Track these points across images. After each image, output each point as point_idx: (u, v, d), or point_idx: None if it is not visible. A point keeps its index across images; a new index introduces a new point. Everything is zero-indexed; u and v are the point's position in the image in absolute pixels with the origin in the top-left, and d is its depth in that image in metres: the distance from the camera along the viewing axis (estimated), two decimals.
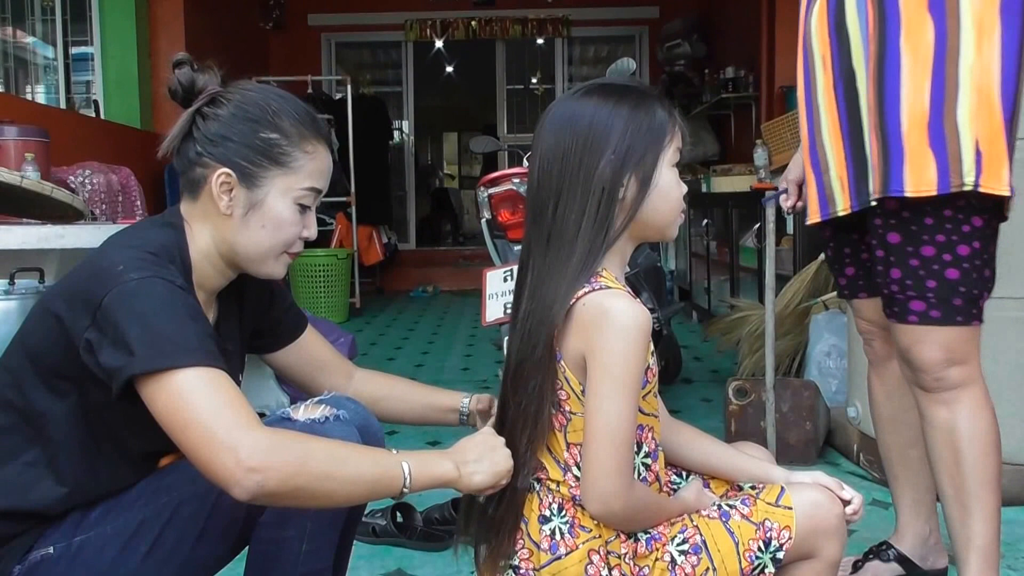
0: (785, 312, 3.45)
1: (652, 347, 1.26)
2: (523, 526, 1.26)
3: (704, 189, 5.53)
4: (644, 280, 3.22)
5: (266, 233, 1.29)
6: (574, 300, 1.19)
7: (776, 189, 2.31)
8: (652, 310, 3.12)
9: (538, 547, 1.24)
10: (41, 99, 6.54)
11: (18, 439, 1.22)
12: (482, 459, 1.22)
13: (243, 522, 1.26)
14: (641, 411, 1.25)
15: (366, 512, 2.32)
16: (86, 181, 4.23)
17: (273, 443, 1.06)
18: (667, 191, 1.24)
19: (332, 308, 6.28)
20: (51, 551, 1.22)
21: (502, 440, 1.25)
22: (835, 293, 3.28)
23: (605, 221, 1.21)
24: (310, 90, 6.82)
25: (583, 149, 1.21)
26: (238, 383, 1.43)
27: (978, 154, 1.48)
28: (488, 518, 1.30)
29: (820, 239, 3.49)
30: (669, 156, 1.24)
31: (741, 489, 1.40)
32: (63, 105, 6.14)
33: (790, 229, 3.82)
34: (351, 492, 1.13)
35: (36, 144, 3.50)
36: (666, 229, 1.29)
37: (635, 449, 1.26)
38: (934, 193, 1.50)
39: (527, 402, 1.23)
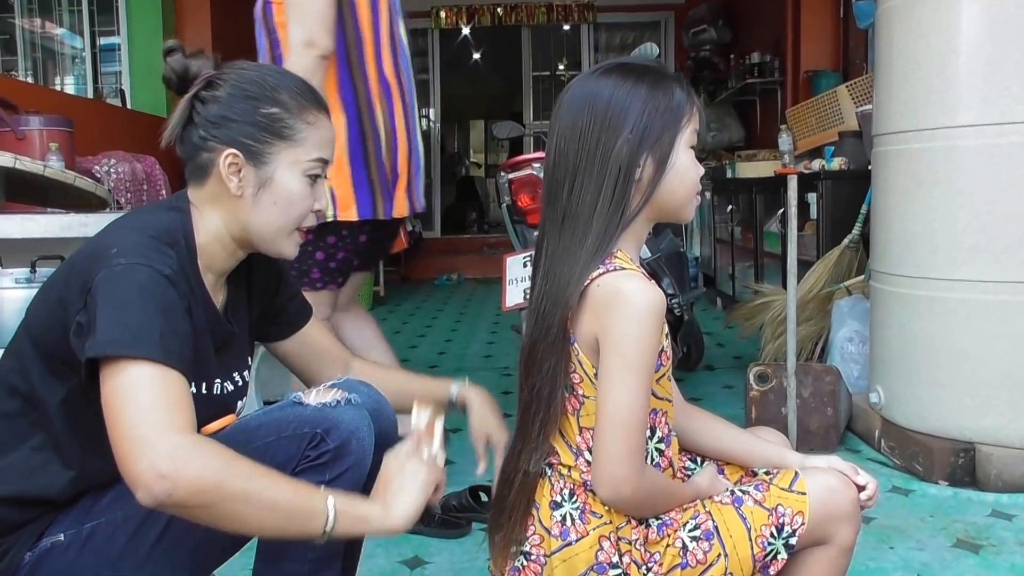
0: (808, 297, 3.42)
1: (667, 330, 1.25)
2: (534, 511, 1.26)
3: (729, 175, 5.49)
4: (666, 265, 3.20)
5: (278, 210, 1.29)
6: (588, 281, 1.18)
7: (800, 174, 2.29)
8: (673, 296, 3.11)
9: (549, 533, 1.23)
10: (70, 89, 6.61)
11: (24, 424, 1.23)
12: (397, 490, 1.17)
13: None
14: (655, 395, 1.24)
15: None
16: (111, 170, 4.27)
17: (194, 453, 1.02)
18: (684, 172, 1.24)
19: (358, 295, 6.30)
20: (61, 538, 1.23)
21: (405, 453, 1.21)
22: (859, 278, 3.25)
23: (621, 202, 1.20)
24: None
25: (600, 129, 1.20)
26: (246, 366, 1.44)
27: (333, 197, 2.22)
28: (500, 503, 1.29)
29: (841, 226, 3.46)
30: (686, 137, 1.24)
31: (755, 475, 1.39)
32: (90, 95, 6.20)
33: (814, 215, 3.78)
34: (264, 520, 1.06)
35: (60, 134, 3.53)
36: (682, 210, 1.28)
37: (648, 434, 1.25)
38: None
39: (540, 384, 1.22)
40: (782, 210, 3.98)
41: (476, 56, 11.03)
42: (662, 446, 1.28)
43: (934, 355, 2.52)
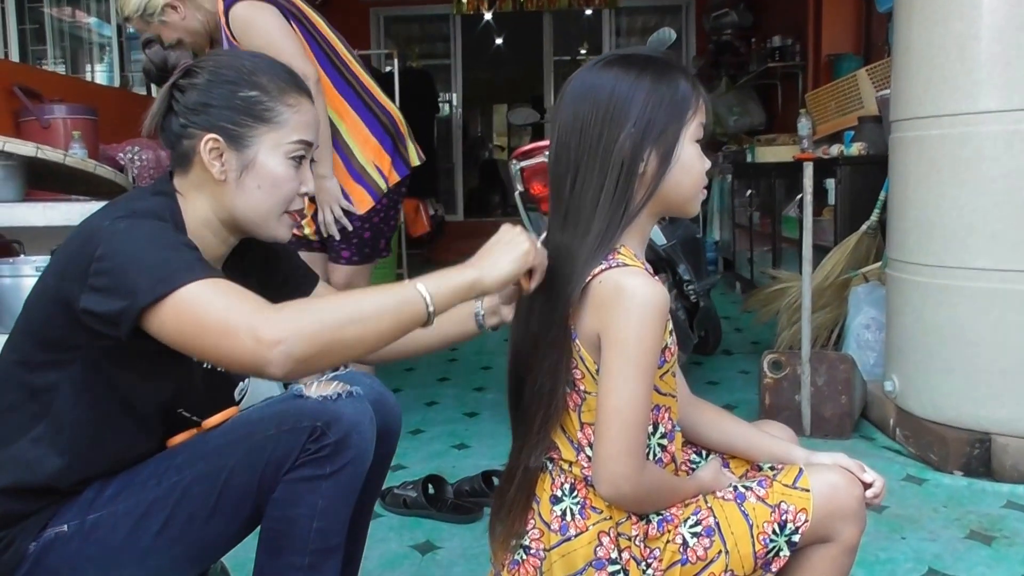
0: (824, 284, 3.40)
1: (671, 326, 1.25)
2: (535, 506, 1.26)
3: (748, 159, 5.45)
4: (682, 251, 3.20)
5: (263, 193, 1.29)
6: (590, 278, 1.17)
7: (818, 159, 2.28)
8: (689, 282, 3.11)
9: (548, 527, 1.23)
10: (100, 77, 6.66)
11: (25, 416, 1.24)
12: (497, 252, 1.19)
13: (254, 500, 1.27)
14: (658, 391, 1.24)
15: (398, 484, 2.37)
16: (135, 157, 4.30)
17: (286, 315, 1.07)
18: (689, 166, 1.22)
19: (379, 280, 6.30)
20: (65, 528, 1.24)
21: (517, 229, 1.22)
22: (876, 265, 3.23)
23: (624, 196, 1.19)
24: None
25: (603, 121, 1.18)
26: None
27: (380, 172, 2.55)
28: (501, 497, 1.30)
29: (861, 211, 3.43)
30: (692, 130, 1.22)
31: (761, 470, 1.38)
32: (117, 82, 6.25)
33: (832, 200, 3.75)
34: (379, 329, 1.11)
35: (84, 122, 3.57)
36: (687, 205, 1.26)
37: (651, 430, 1.25)
38: None
39: (542, 380, 1.22)
40: (800, 195, 3.95)
41: (499, 41, 10.99)
42: (665, 442, 1.28)
43: (950, 344, 2.50)
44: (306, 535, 1.28)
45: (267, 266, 1.50)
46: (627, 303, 1.14)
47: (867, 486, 1.27)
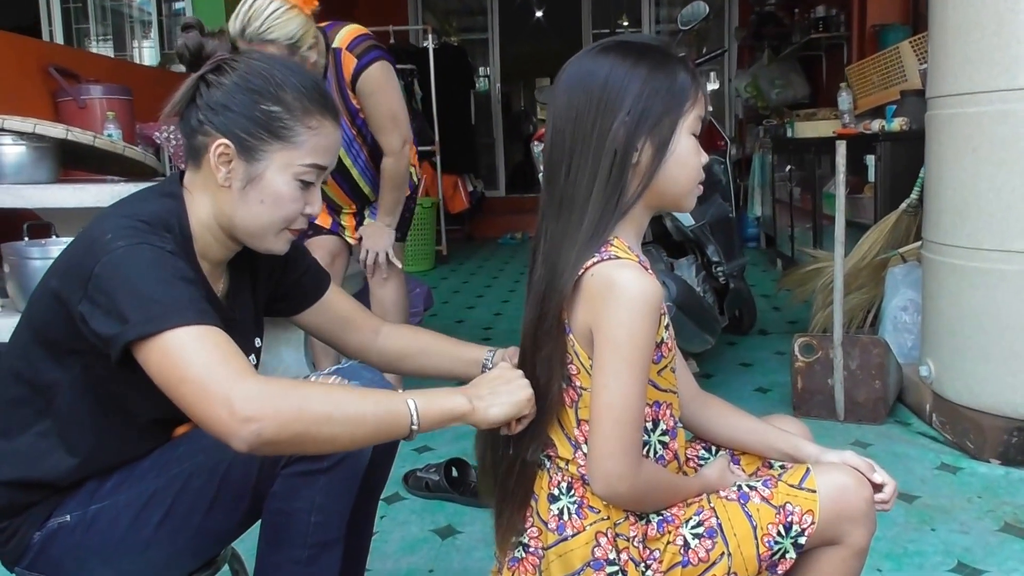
0: (861, 264, 3.31)
1: (666, 320, 1.22)
2: (533, 503, 1.24)
3: (788, 134, 5.34)
4: (712, 232, 3.14)
5: (264, 208, 1.26)
6: (583, 271, 1.14)
7: (859, 134, 2.22)
8: (718, 263, 3.06)
9: (546, 526, 1.22)
10: (146, 54, 6.71)
11: (30, 411, 1.25)
12: (497, 391, 1.18)
13: (253, 493, 1.27)
14: (657, 387, 1.21)
15: (421, 467, 2.37)
16: (170, 136, 4.33)
17: (267, 391, 1.04)
18: (684, 159, 1.18)
19: (418, 256, 6.35)
20: (68, 519, 1.26)
21: (519, 372, 1.21)
22: (915, 245, 3.14)
23: (617, 186, 1.16)
24: (392, 40, 6.81)
25: (597, 110, 1.15)
26: (255, 351, 1.45)
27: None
28: (503, 491, 1.28)
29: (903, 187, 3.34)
30: (689, 122, 1.18)
31: (772, 467, 1.35)
32: (158, 61, 6.29)
33: (872, 177, 3.65)
34: (355, 434, 1.09)
35: (120, 102, 3.60)
36: (682, 199, 1.23)
37: (651, 427, 1.23)
38: None
39: (539, 372, 1.20)
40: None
41: (538, 14, 10.89)
42: (666, 439, 1.25)
43: (987, 328, 2.42)
44: (304, 529, 1.29)
45: (276, 269, 1.48)
46: (619, 297, 1.11)
47: (878, 488, 1.23)
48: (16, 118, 2.66)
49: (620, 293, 1.11)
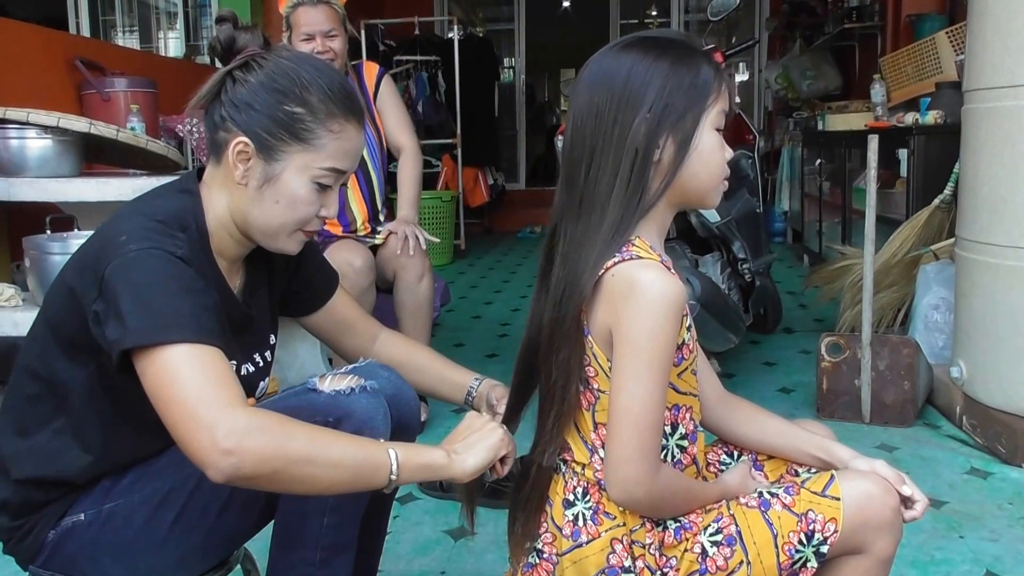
0: (892, 261, 3.25)
1: (688, 321, 1.18)
2: (548, 509, 1.22)
3: (819, 127, 5.25)
4: (739, 228, 3.09)
5: (279, 209, 1.25)
6: (603, 271, 1.12)
7: (892, 128, 2.16)
8: (743, 260, 3.00)
9: (561, 532, 1.19)
10: (172, 45, 6.74)
11: (46, 408, 1.24)
12: (470, 442, 1.19)
13: (267, 494, 1.26)
14: (676, 390, 1.18)
15: None
16: (194, 129, 4.34)
17: (253, 425, 1.03)
18: (708, 155, 1.15)
19: (436, 250, 6.32)
20: (82, 517, 1.25)
21: (487, 418, 1.24)
22: (948, 242, 3.07)
23: (639, 184, 1.13)
24: (417, 32, 6.78)
25: (618, 106, 1.13)
26: (271, 348, 1.44)
27: None
28: (517, 494, 1.26)
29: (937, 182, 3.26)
30: (712, 118, 1.15)
31: (798, 475, 1.31)
32: (183, 52, 6.31)
33: (904, 172, 3.57)
34: (334, 477, 1.09)
35: (144, 95, 3.59)
36: (706, 197, 1.20)
37: (669, 431, 1.20)
38: None
39: (556, 375, 1.17)
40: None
41: (565, 4, 10.83)
42: (685, 443, 1.22)
43: (1021, 328, 2.36)
44: (317, 530, 1.27)
45: (289, 266, 1.47)
46: (640, 298, 1.08)
47: (906, 501, 1.20)
48: (40, 112, 2.65)
49: (641, 293, 1.08)
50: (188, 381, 1.04)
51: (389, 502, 1.50)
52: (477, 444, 1.20)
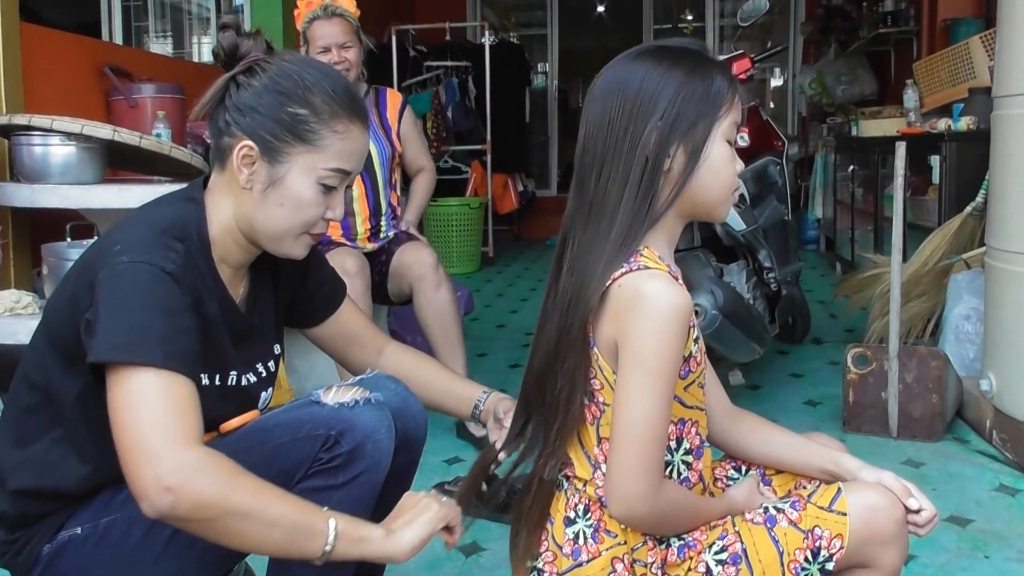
0: (923, 271, 3.17)
1: (695, 333, 1.16)
2: (549, 526, 1.20)
3: (852, 132, 5.16)
4: (766, 236, 3.03)
5: (284, 212, 1.24)
6: (610, 281, 1.10)
7: (925, 134, 2.11)
8: (769, 269, 2.95)
9: (561, 550, 1.17)
10: (205, 51, 6.80)
11: (44, 418, 1.23)
12: (408, 519, 1.14)
13: None
14: (683, 403, 1.16)
15: (450, 480, 2.32)
16: None
17: (200, 466, 1.01)
18: (718, 167, 1.14)
19: (464, 258, 6.31)
20: (79, 531, 1.23)
21: (422, 494, 1.19)
22: (980, 250, 2.99)
23: (648, 194, 1.12)
24: (448, 37, 6.78)
25: (629, 114, 1.12)
26: (275, 358, 1.42)
27: None
28: (519, 509, 1.24)
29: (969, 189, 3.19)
30: (724, 129, 1.14)
31: (806, 490, 1.28)
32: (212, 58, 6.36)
33: (936, 178, 3.50)
34: (265, 537, 1.06)
35: (171, 101, 3.61)
36: (715, 209, 1.18)
37: (674, 445, 1.17)
38: None
39: (560, 385, 1.15)
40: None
41: (599, 9, 10.78)
42: (690, 459, 1.19)
43: None
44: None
45: (296, 274, 1.46)
46: (645, 309, 1.07)
47: (913, 513, 1.16)
48: (65, 119, 2.67)
49: (647, 304, 1.07)
50: (144, 410, 1.04)
51: None
52: (414, 520, 1.15)
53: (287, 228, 1.26)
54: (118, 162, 3.10)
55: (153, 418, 1.03)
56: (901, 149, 2.54)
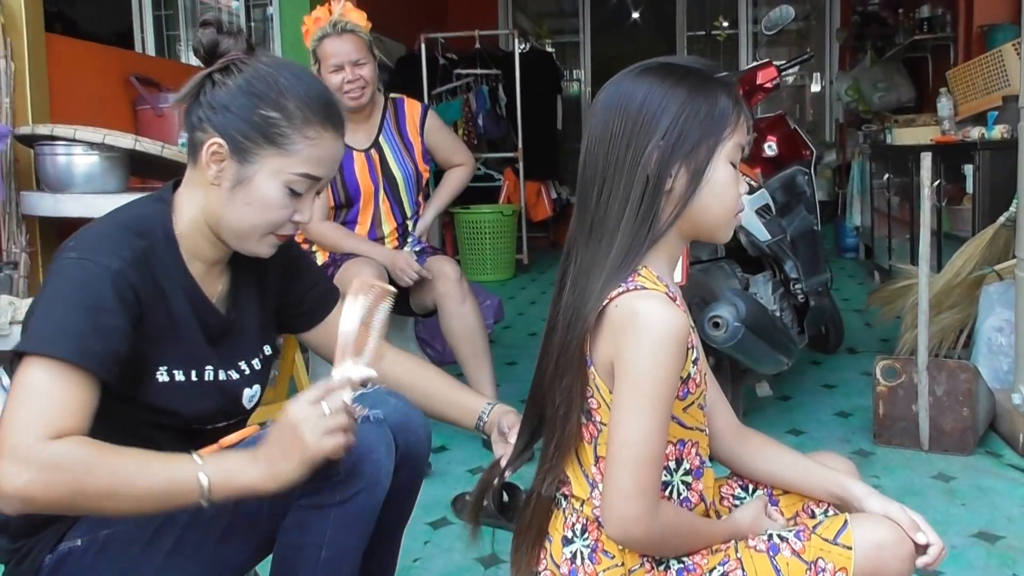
0: (955, 281, 3.10)
1: (694, 355, 1.13)
2: (547, 545, 1.18)
3: (887, 140, 5.07)
4: (793, 247, 2.98)
5: (251, 211, 1.25)
6: (607, 301, 1.08)
7: (959, 142, 2.06)
8: (796, 280, 2.89)
9: (559, 570, 1.15)
10: None
11: None
12: (280, 457, 1.10)
13: (266, 525, 1.24)
14: (682, 424, 1.14)
15: (471, 490, 2.29)
16: None
17: (53, 462, 1.01)
18: (721, 189, 1.12)
19: (498, 265, 6.29)
20: (79, 543, 1.23)
21: (303, 415, 1.11)
22: (1013, 261, 2.91)
23: (649, 213, 1.10)
24: (478, 45, 6.78)
25: (631, 132, 1.10)
26: (264, 360, 1.41)
27: None
28: (519, 526, 1.23)
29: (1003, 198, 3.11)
30: (727, 150, 1.12)
31: (814, 515, 1.25)
32: None
33: (970, 188, 3.41)
34: (140, 508, 1.08)
35: None
36: (716, 231, 1.16)
37: (674, 466, 1.15)
38: None
39: (558, 402, 1.14)
40: (938, 182, 3.62)
41: (635, 15, 10.75)
42: (690, 479, 1.17)
43: None
44: (314, 563, 1.25)
45: (287, 275, 1.46)
46: (640, 329, 1.05)
47: (921, 548, 1.12)
48: (87, 128, 2.70)
49: (642, 324, 1.05)
50: (26, 404, 1.05)
51: (398, 533, 1.47)
52: (286, 456, 1.10)
53: (252, 227, 1.26)
54: (143, 171, 3.12)
55: (31, 413, 1.04)
56: (926, 160, 2.49)
